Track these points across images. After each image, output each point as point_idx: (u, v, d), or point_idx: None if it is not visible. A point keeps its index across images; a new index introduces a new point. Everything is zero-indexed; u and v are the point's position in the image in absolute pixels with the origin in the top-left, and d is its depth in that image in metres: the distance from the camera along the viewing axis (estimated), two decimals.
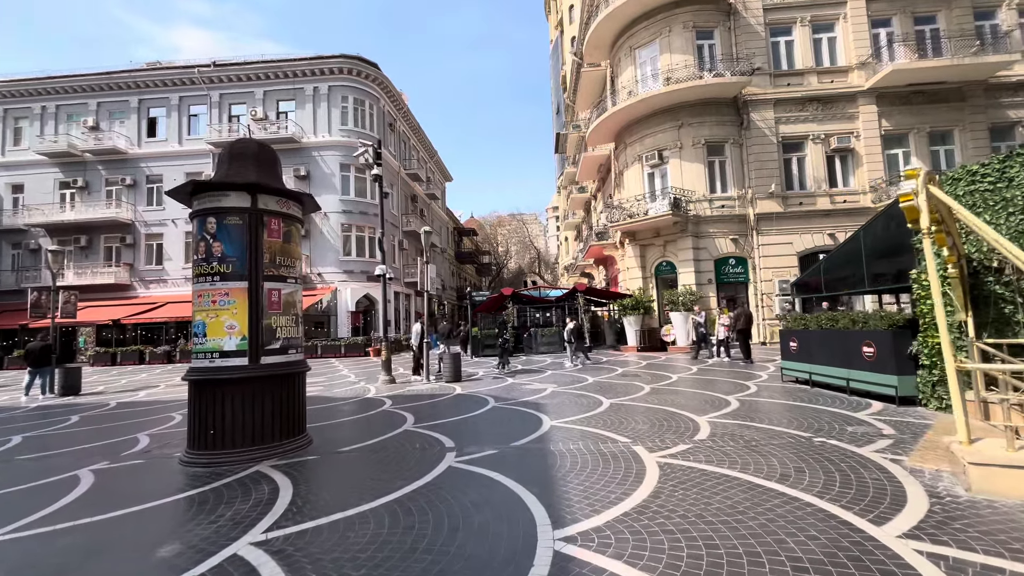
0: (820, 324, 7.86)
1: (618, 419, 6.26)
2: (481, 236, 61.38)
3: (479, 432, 5.86)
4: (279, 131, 26.94)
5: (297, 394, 5.48)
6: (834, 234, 18.36)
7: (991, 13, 18.97)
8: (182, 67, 28.10)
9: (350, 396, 9.84)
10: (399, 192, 32.24)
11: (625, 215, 19.63)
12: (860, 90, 18.55)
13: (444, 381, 11.42)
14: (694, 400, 7.43)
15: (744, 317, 13.34)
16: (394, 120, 32.35)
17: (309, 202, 5.98)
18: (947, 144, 18.72)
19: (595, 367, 13.25)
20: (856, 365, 6.86)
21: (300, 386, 5.55)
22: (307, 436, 5.63)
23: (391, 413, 7.54)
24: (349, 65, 27.60)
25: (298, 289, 5.61)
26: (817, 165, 18.80)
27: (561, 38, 45.12)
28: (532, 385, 10.15)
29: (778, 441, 4.75)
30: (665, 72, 18.97)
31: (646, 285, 19.99)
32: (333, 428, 6.59)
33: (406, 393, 9.92)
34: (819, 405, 6.57)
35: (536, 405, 7.65)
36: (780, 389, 8.15)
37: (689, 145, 19.17)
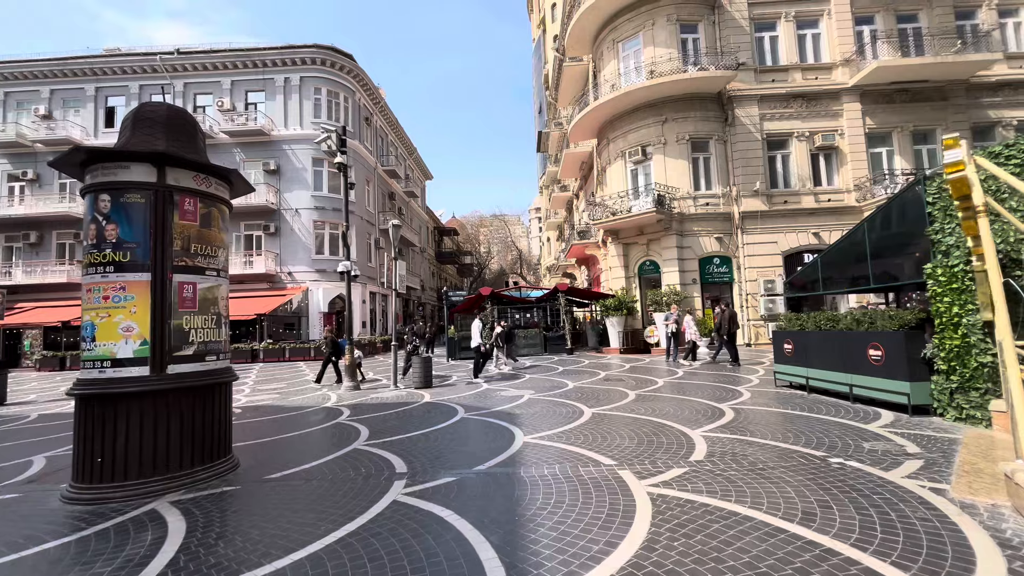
0: (819, 325, 7.23)
1: (601, 433, 5.48)
2: (463, 236, 60.34)
3: (439, 451, 5.02)
4: (247, 123, 25.62)
5: (218, 409, 4.55)
6: (819, 233, 18.03)
7: (972, 13, 18.91)
8: (143, 54, 26.55)
9: (306, 405, 8.87)
10: (376, 189, 31.12)
11: (608, 213, 18.99)
12: (844, 87, 18.27)
13: (414, 387, 10.53)
14: (684, 409, 6.71)
15: (729, 318, 12.73)
16: (371, 114, 31.23)
17: (239, 182, 5.06)
18: (929, 144, 18.57)
19: (576, 371, 12.51)
20: (861, 370, 6.22)
21: (223, 399, 4.63)
22: (231, 459, 4.70)
23: (345, 426, 6.63)
24: (322, 55, 26.43)
25: (221, 284, 4.69)
26: (802, 163, 18.45)
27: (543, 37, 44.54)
28: (508, 391, 9.34)
29: (788, 463, 4.02)
30: (649, 65, 18.41)
31: (629, 285, 19.38)
32: (271, 447, 5.66)
33: (369, 401, 9.00)
34: (823, 415, 5.90)
35: (510, 416, 6.84)
36: (775, 396, 7.50)
37: (673, 141, 18.63)
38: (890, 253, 6.26)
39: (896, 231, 6.15)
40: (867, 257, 6.45)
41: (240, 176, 5.03)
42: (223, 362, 4.67)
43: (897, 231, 6.13)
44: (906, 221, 5.92)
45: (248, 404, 9.34)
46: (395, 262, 11.04)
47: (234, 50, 26.42)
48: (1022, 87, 18.30)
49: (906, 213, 5.90)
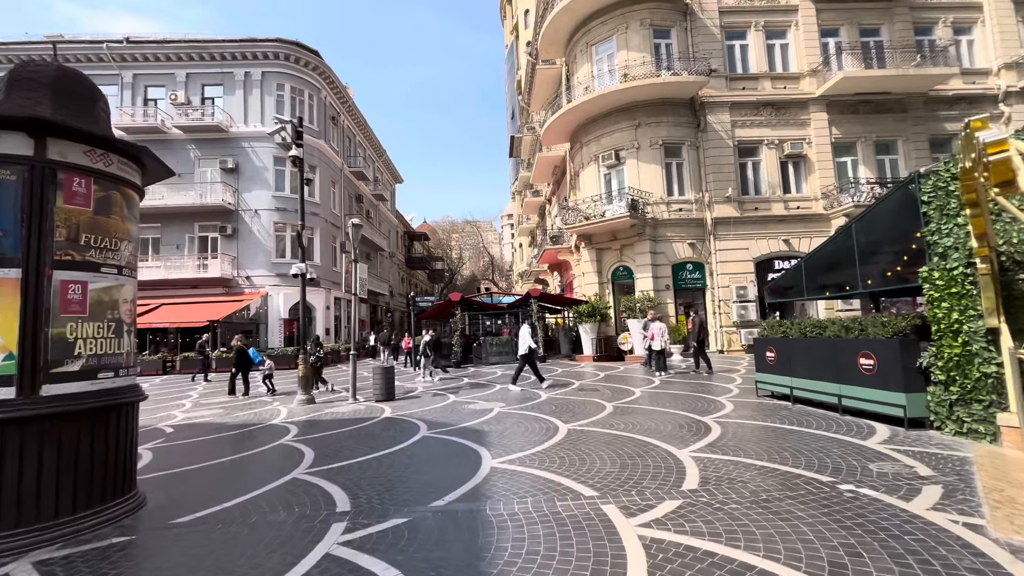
0: (804, 332, 6.88)
1: (579, 454, 4.88)
2: (434, 241, 59.24)
3: (392, 481, 4.30)
4: (203, 118, 24.18)
5: (117, 438, 3.72)
6: (789, 240, 18.14)
7: (929, 29, 19.57)
8: (89, 42, 24.80)
9: (251, 422, 7.94)
10: (342, 191, 29.97)
11: (581, 217, 18.61)
12: (812, 97, 18.53)
13: (375, 400, 9.70)
14: (666, 423, 6.19)
15: (699, 326, 12.42)
16: (337, 114, 30.13)
17: (153, 163, 4.25)
18: (891, 154, 19.03)
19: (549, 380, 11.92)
20: (851, 380, 5.86)
21: (124, 425, 3.79)
22: (134, 499, 3.86)
23: (288, 448, 5.81)
24: (286, 50, 25.28)
25: (124, 284, 3.86)
26: (772, 170, 18.57)
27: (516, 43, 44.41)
28: (476, 404, 8.65)
29: (796, 492, 3.51)
30: (622, 69, 18.21)
31: (602, 291, 19.02)
32: (194, 477, 4.80)
33: (322, 417, 8.14)
34: (815, 429, 5.48)
35: (477, 434, 6.16)
36: (759, 407, 7.09)
37: (646, 145, 18.45)
38: (880, 256, 5.94)
39: (886, 233, 5.83)
40: (855, 261, 6.12)
41: (154, 156, 4.22)
42: (125, 379, 3.84)
43: (888, 233, 5.81)
44: (898, 222, 5.60)
45: (184, 422, 8.32)
46: (355, 265, 10.21)
47: (190, 41, 24.97)
48: (977, 102, 18.98)
49: (898, 213, 5.58)
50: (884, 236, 5.87)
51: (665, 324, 12.88)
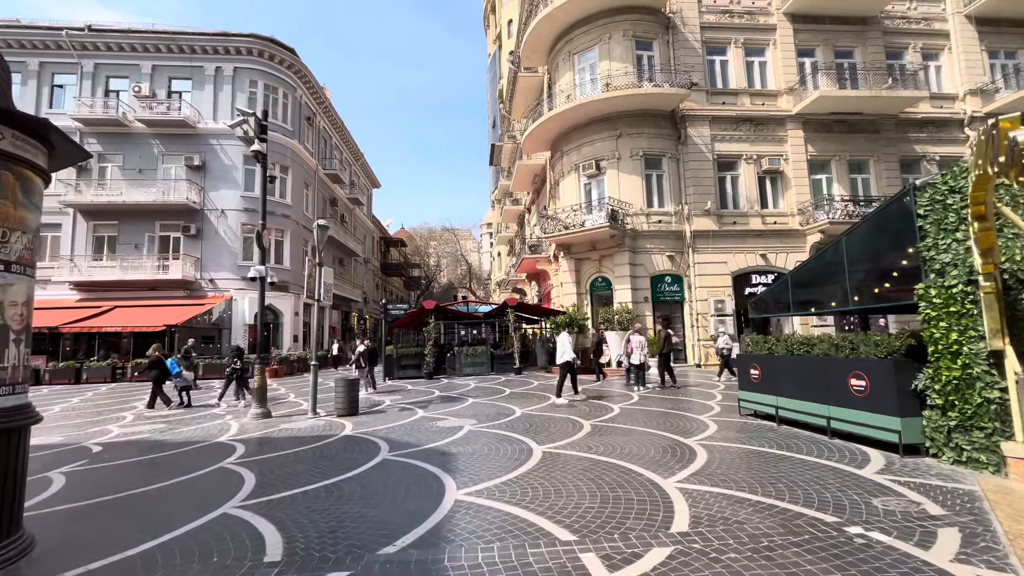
0: (790, 349, 6.58)
1: (554, 484, 4.38)
2: (411, 248, 58.30)
3: (339, 518, 3.71)
4: (169, 112, 23.07)
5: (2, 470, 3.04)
6: (766, 255, 18.20)
7: (900, 53, 20.15)
8: (47, 28, 23.42)
9: (194, 439, 7.17)
10: (316, 193, 29.02)
11: (560, 226, 18.30)
12: (789, 114, 18.77)
13: (336, 415, 9.01)
14: (648, 446, 5.76)
15: (664, 339, 12.12)
16: (313, 114, 29.26)
17: (62, 142, 3.62)
18: (864, 173, 19.39)
19: (524, 394, 11.42)
20: (841, 401, 5.54)
21: (5, 455, 3.11)
22: (16, 543, 3.17)
23: (226, 474, 5.13)
24: (260, 47, 24.42)
25: (13, 284, 3.21)
26: (750, 185, 18.67)
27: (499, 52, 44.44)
28: (446, 421, 8.07)
29: (799, 536, 3.08)
30: (604, 78, 18.09)
31: (581, 302, 18.69)
32: (104, 511, 4.10)
33: (274, 434, 7.43)
34: (806, 455, 5.12)
35: (443, 457, 5.60)
36: (743, 428, 6.73)
37: (627, 156, 18.31)
38: (870, 273, 5.68)
39: (878, 248, 5.58)
40: (844, 277, 5.85)
41: (64, 135, 3.59)
42: (11, 398, 3.17)
43: (879, 248, 5.56)
44: (890, 237, 5.34)
45: (118, 439, 7.48)
46: (318, 268, 9.54)
47: (157, 32, 23.89)
48: (944, 125, 19.57)
49: (890, 228, 5.33)
50: (875, 251, 5.62)
51: (644, 337, 12.52)
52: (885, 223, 5.41)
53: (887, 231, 5.40)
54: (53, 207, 22.17)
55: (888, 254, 5.44)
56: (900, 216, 5.17)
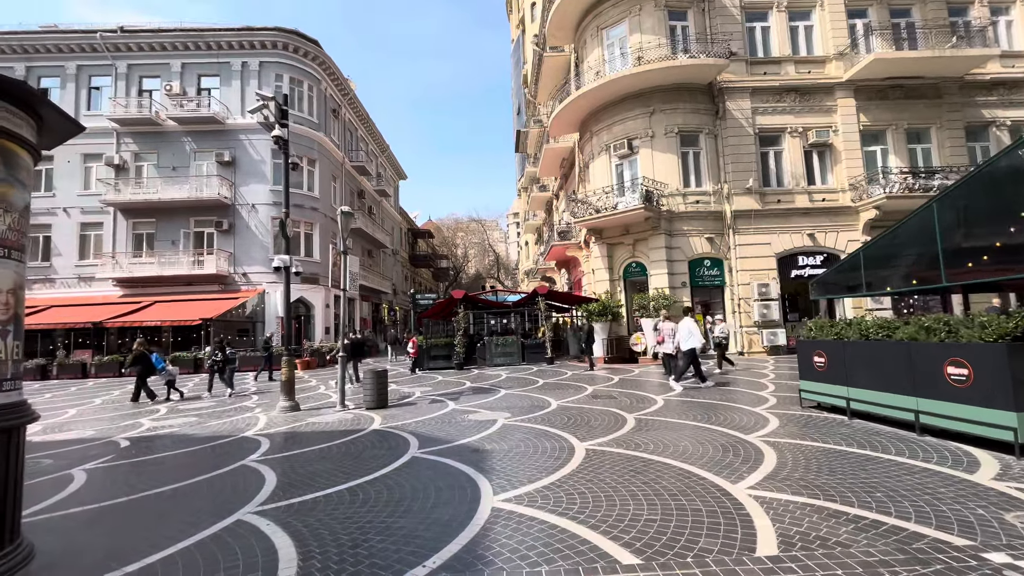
0: (865, 333, 5.79)
1: (603, 489, 3.84)
2: (438, 239, 58.32)
3: (362, 530, 3.28)
4: (199, 109, 23.33)
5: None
6: (814, 235, 16.97)
7: (964, 9, 18.29)
8: (83, 31, 23.98)
9: (220, 434, 6.97)
10: (343, 186, 29.02)
11: (591, 210, 17.53)
12: (838, 82, 17.32)
13: (365, 408, 8.71)
14: (704, 443, 5.14)
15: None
16: (338, 106, 29.19)
17: (52, 115, 3.26)
18: (923, 143, 17.78)
19: (558, 385, 10.89)
20: (934, 393, 4.77)
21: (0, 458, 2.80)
22: (12, 555, 2.87)
23: (247, 473, 4.82)
24: (284, 39, 24.36)
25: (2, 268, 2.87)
26: (795, 160, 17.39)
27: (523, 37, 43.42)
28: (478, 414, 7.63)
29: (929, 568, 2.45)
30: (636, 52, 17.10)
31: (614, 288, 17.94)
32: (112, 516, 3.82)
33: (302, 429, 7.15)
34: (897, 456, 4.41)
35: (476, 455, 5.14)
36: (810, 423, 6.01)
37: (661, 134, 17.33)
38: (971, 242, 4.84)
39: (982, 213, 4.73)
40: (937, 249, 5.02)
41: (55, 107, 3.23)
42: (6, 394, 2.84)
43: (983, 213, 4.71)
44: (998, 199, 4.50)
45: (148, 433, 7.36)
46: (343, 257, 9.22)
47: (185, 30, 24.12)
48: (1017, 87, 17.70)
49: (997, 188, 4.49)
50: (978, 217, 4.77)
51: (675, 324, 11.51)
52: (991, 183, 4.56)
53: (993, 192, 4.55)
54: (95, 206, 22.95)
55: (995, 219, 4.59)
56: (1011, 174, 4.33)
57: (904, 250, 5.59)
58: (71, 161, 23.47)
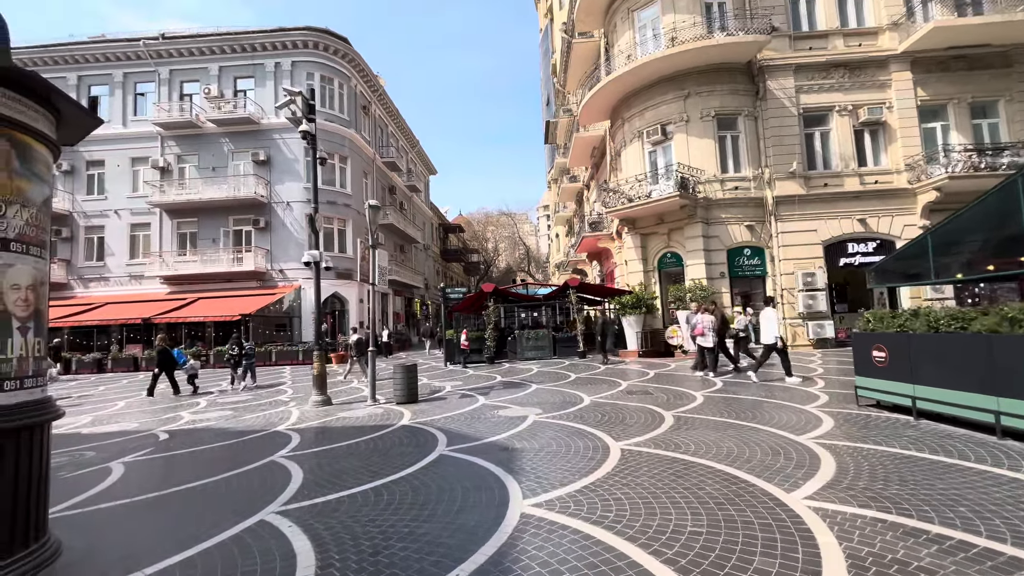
0: (934, 326, 5.22)
1: (642, 496, 3.55)
2: (469, 234, 58.51)
3: (384, 534, 3.12)
4: (235, 111, 23.98)
5: (8, 473, 2.70)
6: (865, 220, 15.89)
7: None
8: (127, 40, 25.00)
9: (253, 428, 7.04)
10: (374, 182, 29.34)
11: (623, 199, 16.97)
12: (893, 54, 16.06)
13: (395, 403, 8.66)
14: (750, 445, 4.75)
15: (720, 320, 10.56)
16: (368, 103, 29.46)
17: (69, 108, 3.20)
18: (990, 117, 16.31)
19: (590, 379, 10.56)
20: (1020, 392, 4.22)
21: (17, 457, 2.77)
22: (39, 552, 2.85)
23: (275, 469, 4.77)
24: (315, 39, 24.70)
25: (13, 265, 2.83)
26: (844, 141, 16.29)
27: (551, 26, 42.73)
28: (508, 410, 7.42)
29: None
30: (669, 33, 16.35)
31: (648, 280, 17.36)
32: (138, 513, 3.81)
33: (332, 424, 7.14)
34: (979, 463, 3.91)
35: (505, 453, 4.93)
36: (869, 423, 5.50)
37: (697, 118, 16.56)
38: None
39: None
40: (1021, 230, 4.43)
41: (71, 99, 3.18)
42: (18, 394, 2.81)
43: None
44: None
45: (185, 426, 7.53)
46: (371, 251, 9.17)
47: (222, 34, 24.80)
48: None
49: None
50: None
51: (714, 317, 10.94)
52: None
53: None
54: (143, 208, 24.01)
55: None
56: None
57: (979, 233, 4.99)
58: (120, 165, 24.61)
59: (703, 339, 10.47)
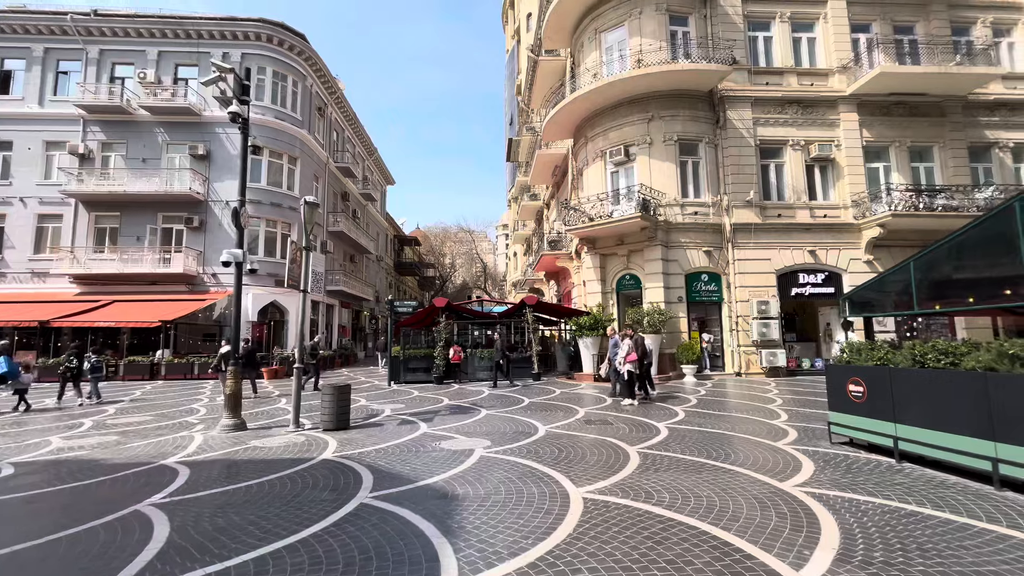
0: (921, 360, 4.81)
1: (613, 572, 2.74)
2: (425, 247, 57.14)
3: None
4: (174, 99, 22.03)
5: None
6: (815, 252, 16.23)
7: (967, 29, 18.00)
8: (53, 12, 22.60)
9: (137, 461, 5.70)
10: (326, 187, 27.79)
11: (584, 218, 16.59)
12: (842, 95, 16.77)
13: (323, 429, 7.48)
14: (734, 495, 4.07)
15: (640, 347, 10.13)
16: (324, 104, 28.10)
17: None
18: (926, 161, 17.27)
19: (545, 405, 9.77)
20: (1021, 438, 3.78)
21: None
22: None
23: (136, 524, 3.60)
24: (269, 32, 23.29)
25: None
26: (796, 174, 16.72)
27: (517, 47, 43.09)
28: (452, 441, 6.47)
29: None
30: (635, 55, 16.37)
31: (606, 301, 16.94)
32: None
33: (238, 455, 5.91)
34: (994, 524, 3.38)
35: (442, 503, 3.99)
36: (852, 466, 4.99)
37: (660, 141, 16.54)
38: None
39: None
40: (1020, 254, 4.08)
41: None
42: None
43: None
44: None
45: (47, 457, 6.05)
46: (304, 253, 8.07)
47: (164, 17, 22.92)
48: (1019, 108, 17.37)
49: None
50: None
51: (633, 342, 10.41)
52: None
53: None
54: (55, 197, 21.40)
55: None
56: None
57: (973, 259, 4.64)
58: (32, 148, 21.96)
59: (626, 365, 9.94)
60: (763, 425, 7.27)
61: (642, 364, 10.14)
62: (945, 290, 4.99)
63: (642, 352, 10.17)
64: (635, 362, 9.89)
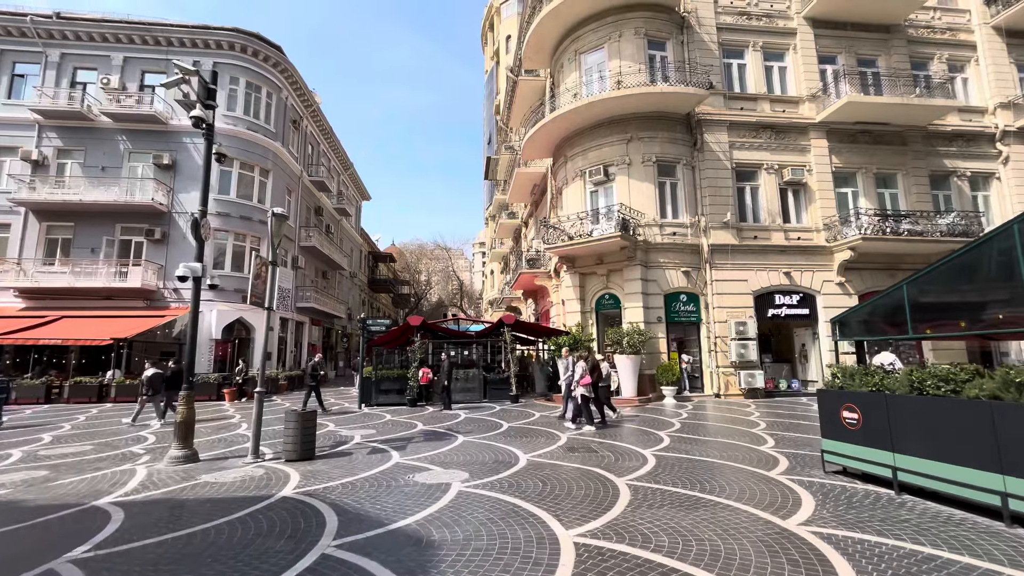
0: (920, 387, 4.63)
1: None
2: (400, 264, 56.24)
3: None
4: (139, 106, 21.11)
5: None
6: (790, 273, 16.45)
7: (925, 64, 18.94)
8: (11, 13, 21.52)
9: (62, 501, 4.99)
10: (299, 201, 27.01)
11: (564, 236, 16.42)
12: (812, 123, 17.30)
13: (284, 459, 6.85)
14: (735, 536, 3.74)
15: (592, 368, 9.90)
16: (299, 117, 27.52)
17: None
18: (891, 187, 17.89)
19: (525, 430, 9.33)
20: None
21: None
22: None
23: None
24: (243, 42, 22.73)
25: None
26: (771, 197, 17.04)
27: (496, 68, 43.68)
28: (427, 473, 5.96)
29: None
30: (615, 76, 16.54)
31: (585, 321, 16.71)
32: None
33: (185, 494, 5.26)
34: (1016, 569, 3.14)
35: (417, 551, 3.52)
36: (852, 499, 4.74)
37: (639, 162, 16.64)
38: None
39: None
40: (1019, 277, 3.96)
41: None
42: None
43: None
44: None
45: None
46: (270, 267, 7.53)
47: (132, 23, 22.11)
48: (974, 139, 18.26)
49: None
50: None
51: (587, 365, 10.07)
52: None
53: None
54: (3, 205, 20.03)
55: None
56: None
57: (968, 281, 4.53)
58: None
59: (579, 389, 9.65)
60: (752, 452, 7.02)
61: (596, 387, 9.84)
62: (939, 313, 4.87)
63: (597, 376, 9.90)
64: (588, 386, 9.58)
